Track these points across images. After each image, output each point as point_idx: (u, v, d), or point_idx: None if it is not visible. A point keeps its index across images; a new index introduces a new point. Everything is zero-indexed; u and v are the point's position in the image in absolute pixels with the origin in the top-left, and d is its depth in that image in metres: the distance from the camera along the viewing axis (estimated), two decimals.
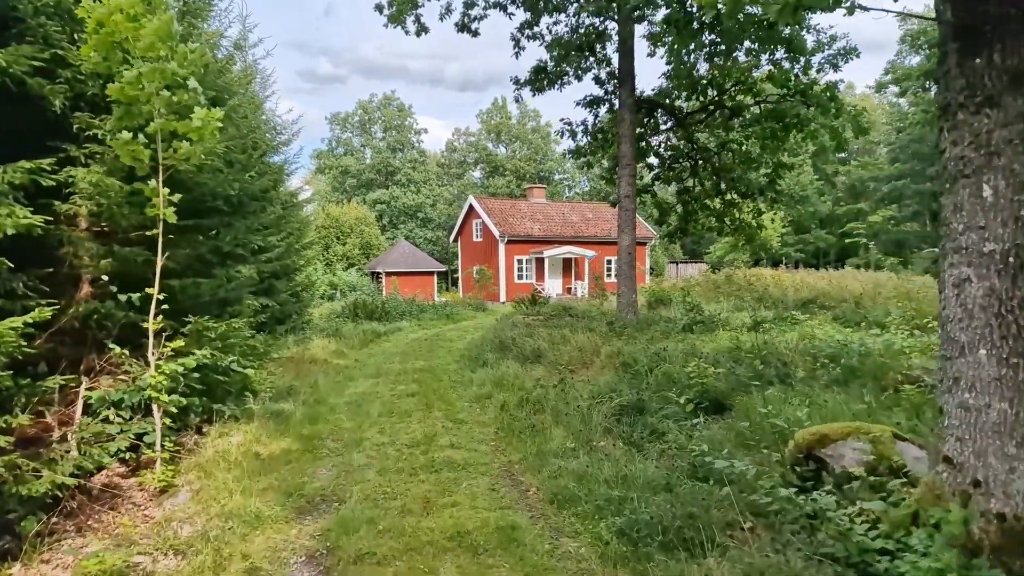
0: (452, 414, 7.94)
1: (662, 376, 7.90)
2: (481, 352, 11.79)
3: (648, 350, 9.35)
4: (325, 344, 13.92)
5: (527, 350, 10.75)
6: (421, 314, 20.05)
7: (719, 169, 14.45)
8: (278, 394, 8.97)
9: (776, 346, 9.16)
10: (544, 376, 9.38)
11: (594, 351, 10.36)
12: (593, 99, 14.03)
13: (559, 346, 10.80)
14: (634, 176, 12.68)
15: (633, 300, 12.55)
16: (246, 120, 15.58)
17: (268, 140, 18.82)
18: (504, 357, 10.76)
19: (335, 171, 56.81)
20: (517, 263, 32.87)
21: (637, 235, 35.39)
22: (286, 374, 10.82)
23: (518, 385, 8.64)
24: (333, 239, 44.66)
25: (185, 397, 6.87)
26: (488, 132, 60.18)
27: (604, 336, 11.41)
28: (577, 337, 11.23)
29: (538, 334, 11.79)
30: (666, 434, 6.33)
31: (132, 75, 5.41)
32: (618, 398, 7.12)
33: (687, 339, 10.89)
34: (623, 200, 12.41)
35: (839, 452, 4.26)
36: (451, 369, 11.18)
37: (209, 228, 7.99)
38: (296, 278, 18.59)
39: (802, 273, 22.85)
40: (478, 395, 8.69)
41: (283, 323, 16.71)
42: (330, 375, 10.99)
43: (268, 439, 6.98)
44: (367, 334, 15.50)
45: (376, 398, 9.04)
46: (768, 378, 7.43)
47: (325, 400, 8.94)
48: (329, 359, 12.58)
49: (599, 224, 35.64)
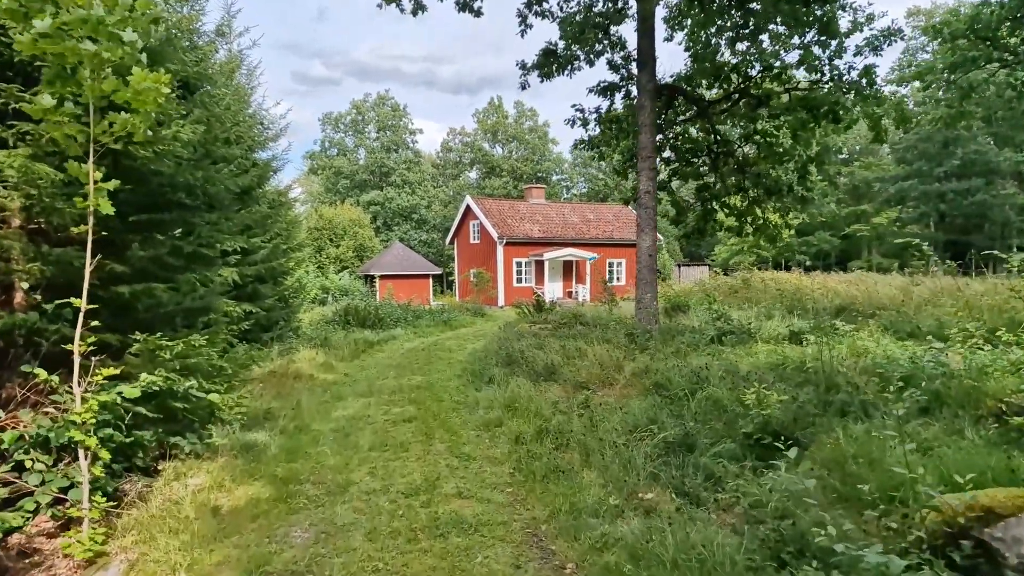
0: (457, 446, 6.67)
1: (706, 402, 6.66)
2: (485, 366, 10.53)
3: (682, 368, 8.11)
4: (312, 356, 12.63)
5: (539, 365, 9.50)
6: (417, 321, 18.78)
7: (743, 164, 13.24)
8: (253, 420, 7.69)
9: (830, 363, 7.96)
10: (562, 397, 8.14)
11: (616, 367, 9.12)
12: (608, 85, 12.81)
13: (575, 361, 9.56)
14: (655, 170, 11.47)
15: (654, 307, 11.33)
16: (229, 111, 14.34)
17: (254, 135, 17.63)
18: (512, 373, 9.50)
19: (328, 172, 55.43)
20: (516, 266, 31.63)
21: None
22: (265, 392, 9.54)
23: (533, 410, 7.38)
24: (326, 241, 43.31)
25: (132, 431, 5.62)
26: (484, 132, 58.93)
27: (625, 349, 10.17)
28: (594, 350, 9.99)
29: (549, 346, 10.54)
30: (725, 480, 5.10)
31: (45, 23, 4.14)
32: (660, 431, 5.87)
33: (719, 353, 9.67)
34: (642, 196, 11.18)
35: (1016, 536, 3.03)
36: (452, 386, 9.91)
37: (169, 225, 6.72)
38: (285, 282, 17.33)
39: (820, 276, 21.68)
40: (486, 421, 7.42)
41: (269, 330, 15.49)
42: (316, 393, 9.71)
43: (234, 482, 5.70)
44: (359, 344, 14.21)
45: (367, 424, 7.76)
46: (838, 406, 6.21)
47: (308, 427, 7.65)
48: (316, 374, 11.29)
49: (600, 225, 34.46)
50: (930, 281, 15.25)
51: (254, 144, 16.18)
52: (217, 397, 6.17)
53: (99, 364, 5.09)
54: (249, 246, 13.63)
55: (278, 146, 18.44)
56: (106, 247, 6.53)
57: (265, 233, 15.50)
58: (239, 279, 13.14)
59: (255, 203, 15.64)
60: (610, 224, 34.90)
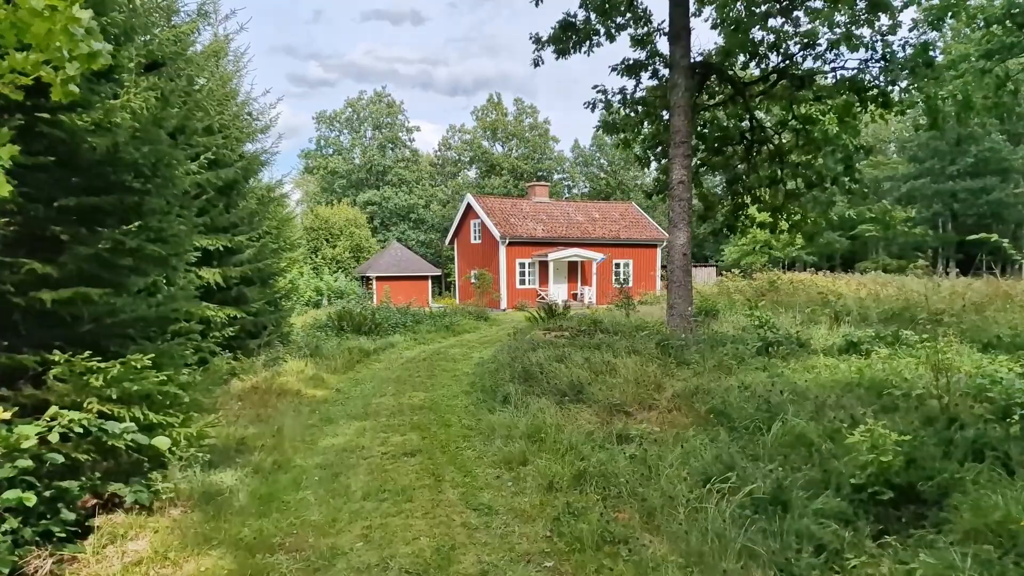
0: (473, 493, 5.30)
1: (787, 438, 5.31)
2: (498, 381, 9.17)
3: (739, 389, 6.75)
4: (301, 367, 11.25)
5: (562, 382, 8.13)
6: (417, 326, 17.38)
7: (779, 153, 11.89)
8: (222, 453, 6.32)
9: (945, 387, 6.62)
10: (595, 425, 6.78)
11: (655, 385, 7.76)
12: (634, 63, 11.46)
13: (605, 377, 8.19)
14: (690, 156, 10.13)
15: (689, 313, 9.98)
16: (212, 97, 13.07)
17: (241, 125, 16.30)
18: (531, 391, 8.13)
19: (323, 171, 54.00)
20: (519, 267, 30.25)
21: (648, 236, 33.05)
22: (243, 413, 8.17)
23: (564, 442, 6.01)
24: (322, 241, 41.94)
25: (51, 483, 4.29)
26: (484, 130, 57.51)
27: (659, 362, 8.82)
28: (625, 363, 8.63)
29: (571, 358, 9.17)
30: (843, 555, 3.76)
31: None
32: (740, 481, 4.51)
33: (772, 367, 8.32)
34: (675, 187, 9.83)
35: None
36: (460, 406, 8.54)
37: (108, 214, 5.34)
38: (275, 284, 15.97)
39: (847, 278, 20.35)
40: (506, 456, 6.04)
41: (257, 336, 14.11)
42: (302, 415, 8.33)
43: (185, 550, 4.33)
44: (353, 353, 12.82)
45: (361, 458, 6.38)
46: (964, 446, 4.84)
47: (289, 462, 6.27)
48: (303, 389, 9.91)
49: (606, 225, 33.11)
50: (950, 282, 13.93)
51: (241, 136, 14.84)
52: (164, 441, 4.79)
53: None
54: (233, 245, 12.26)
55: (267, 138, 16.93)
56: (30, 243, 5.19)
57: (252, 231, 14.08)
58: (222, 281, 11.84)
59: (242, 199, 14.34)
60: (616, 223, 33.56)
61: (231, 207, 13.67)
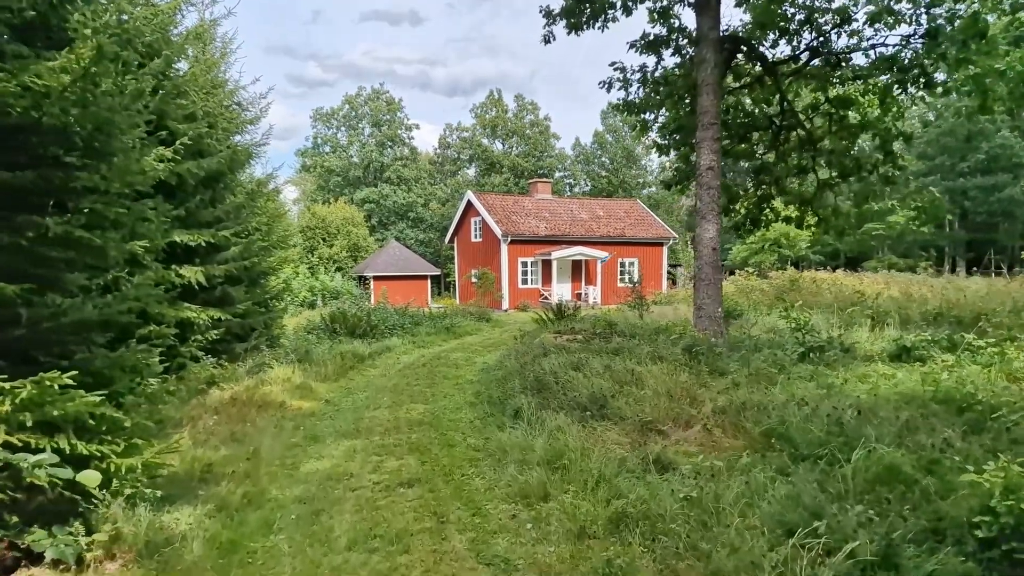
0: (484, 540, 4.27)
1: (872, 470, 4.28)
2: (507, 391, 8.14)
3: (796, 404, 5.73)
4: (288, 375, 10.22)
5: (582, 394, 7.10)
6: (415, 328, 16.32)
7: (811, 139, 10.85)
8: (183, 484, 5.29)
9: (1000, 397, 5.62)
10: (626, 445, 5.76)
11: (689, 398, 6.73)
12: (654, 39, 10.43)
13: (630, 388, 7.15)
14: (719, 140, 9.10)
15: (718, 315, 8.96)
16: (194, 79, 12.13)
17: (229, 114, 15.30)
18: (546, 404, 7.10)
19: (320, 169, 52.92)
20: (522, 266, 29.22)
21: (654, 234, 31.98)
22: (217, 430, 7.14)
23: (592, 471, 4.98)
24: (319, 240, 40.89)
25: None
26: (483, 127, 56.42)
27: (689, 370, 7.80)
28: (651, 372, 7.61)
29: (589, 366, 8.14)
30: None
31: None
32: (831, 534, 3.49)
33: (820, 377, 7.31)
34: (703, 174, 8.81)
35: None
36: (465, 421, 7.51)
37: (32, 192, 4.31)
38: (266, 283, 14.96)
39: (866, 276, 19.32)
40: (522, 489, 5.01)
41: (245, 340, 13.10)
42: (284, 431, 7.30)
43: None
44: (346, 358, 11.77)
45: (349, 490, 5.34)
46: None
47: (262, 495, 5.24)
48: (289, 400, 8.87)
49: (611, 222, 32.06)
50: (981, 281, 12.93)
51: (229, 126, 13.82)
52: (93, 477, 3.76)
53: None
54: (217, 241, 11.24)
55: (257, 130, 15.89)
56: None
57: (238, 226, 13.01)
58: (205, 280, 10.84)
59: (230, 192, 13.34)
60: (621, 221, 32.53)
61: (217, 201, 12.70)
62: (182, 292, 10.57)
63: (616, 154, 58.02)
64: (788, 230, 32.25)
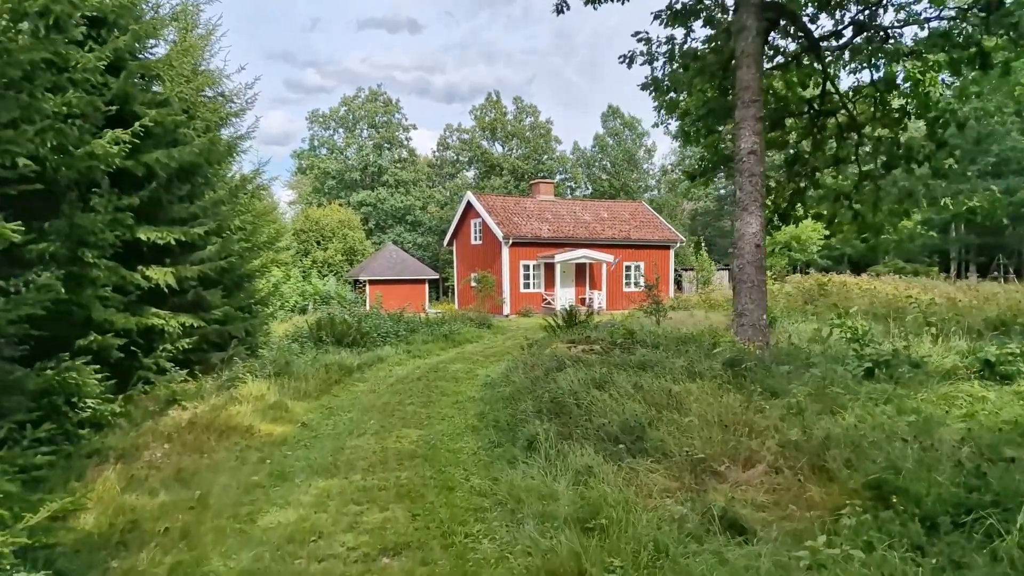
0: None
1: None
2: (516, 414, 6.85)
3: (908, 441, 4.44)
4: (262, 390, 8.90)
5: (611, 421, 5.80)
6: (411, 336, 15.02)
7: (854, 125, 9.59)
8: (93, 550, 3.98)
9: None
10: (678, 493, 4.46)
11: (744, 425, 5.44)
12: (683, 8, 9.20)
13: (669, 413, 5.85)
14: (761, 120, 7.83)
15: (763, 322, 7.68)
16: (169, 62, 10.99)
17: (213, 105, 14.06)
18: (567, 433, 5.80)
19: (316, 171, 51.62)
20: (523, 269, 27.94)
21: (661, 237, 30.68)
22: (164, 464, 5.84)
23: (646, 541, 3.68)
24: (313, 243, 39.57)
25: None
26: (482, 129, 55.17)
27: (734, 388, 6.51)
28: (690, 391, 6.32)
29: (614, 384, 6.83)
30: None
31: None
32: None
33: (895, 398, 6.02)
34: (745, 158, 7.55)
35: None
36: (467, 452, 6.20)
37: None
38: (251, 286, 13.67)
39: (894, 281, 18.04)
40: (548, 563, 3.69)
41: (223, 349, 11.80)
42: (246, 466, 5.98)
43: None
44: (331, 371, 10.45)
45: (315, 560, 4.02)
46: None
47: (197, 568, 3.92)
48: (258, 424, 7.55)
49: (616, 225, 30.81)
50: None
51: (211, 118, 12.57)
52: None
53: None
54: (188, 238, 9.96)
55: (243, 122, 14.55)
56: None
57: (214, 223, 11.68)
58: (175, 283, 9.60)
59: (210, 188, 12.09)
60: (626, 223, 31.28)
61: (195, 197, 11.48)
62: (151, 296, 9.40)
63: (617, 157, 56.90)
64: (800, 232, 31.08)
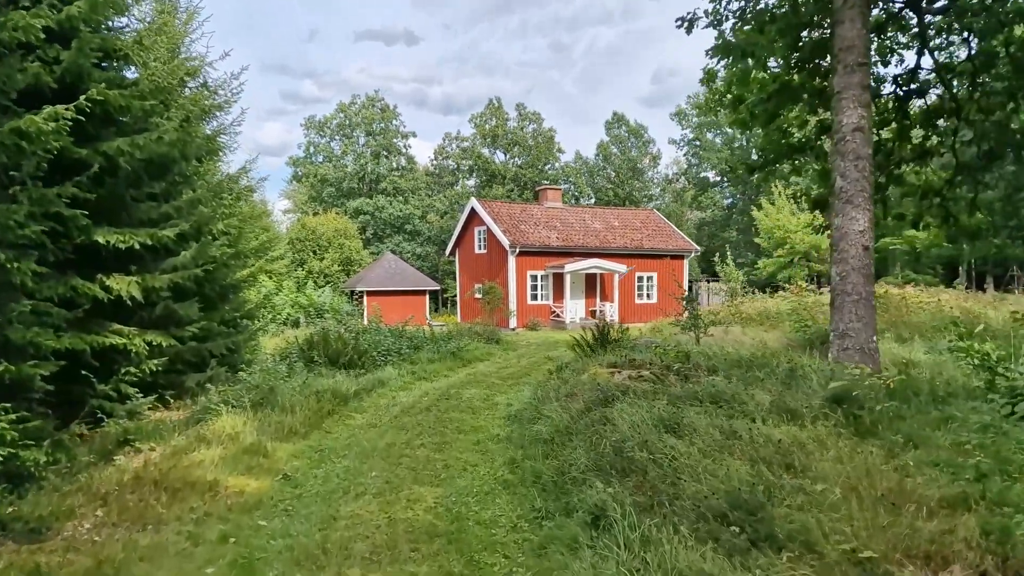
0: None
1: None
2: (565, 466, 5.19)
3: None
4: (237, 427, 7.20)
5: (714, 489, 4.14)
6: (415, 353, 13.35)
7: (956, 106, 8.02)
8: None
9: None
10: None
11: (905, 496, 3.79)
12: None
13: (787, 477, 4.20)
14: (868, 89, 6.24)
15: (873, 347, 6.05)
16: (140, 43, 9.55)
17: (195, 96, 12.69)
18: (648, 505, 4.14)
19: (312, 179, 50.08)
20: (531, 280, 26.31)
21: (675, 246, 28.89)
22: (81, 547, 4.16)
23: None
24: (309, 253, 37.93)
25: None
26: (483, 137, 53.69)
27: (860, 436, 4.86)
28: (798, 439, 4.66)
29: (690, 428, 5.18)
30: None
31: None
32: None
33: None
34: (848, 137, 5.95)
35: None
36: (505, 527, 4.53)
37: None
38: (236, 298, 12.11)
39: (948, 294, 16.42)
40: None
41: (201, 370, 10.25)
42: (198, 554, 4.29)
43: None
44: (323, 399, 8.74)
45: None
46: None
47: None
48: (225, 478, 5.82)
49: (627, 233, 29.23)
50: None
51: (193, 109, 11.05)
52: None
53: None
54: (154, 241, 8.40)
55: (227, 116, 12.95)
56: None
57: (188, 225, 10.07)
58: (140, 294, 8.08)
59: (188, 186, 10.63)
60: (638, 231, 29.72)
61: (171, 196, 10.00)
62: (114, 309, 7.91)
63: (621, 166, 55.57)
64: (820, 241, 29.54)
